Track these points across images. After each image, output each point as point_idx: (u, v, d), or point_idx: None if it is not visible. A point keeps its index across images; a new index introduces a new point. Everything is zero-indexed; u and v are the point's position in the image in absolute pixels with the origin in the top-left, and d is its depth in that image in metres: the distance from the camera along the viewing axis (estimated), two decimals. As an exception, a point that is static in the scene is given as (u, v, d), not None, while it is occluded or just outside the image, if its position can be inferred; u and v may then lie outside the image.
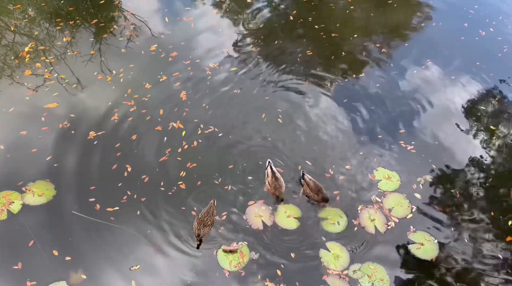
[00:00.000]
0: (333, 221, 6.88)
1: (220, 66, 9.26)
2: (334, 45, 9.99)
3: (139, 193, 7.00)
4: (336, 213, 6.99)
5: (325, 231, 6.80)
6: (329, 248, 6.59)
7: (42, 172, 7.14)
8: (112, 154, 7.47)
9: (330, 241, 6.67)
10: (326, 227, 6.84)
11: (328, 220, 6.89)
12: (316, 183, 7.08)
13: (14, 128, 7.74)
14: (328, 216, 6.94)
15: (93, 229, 6.58)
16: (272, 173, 7.11)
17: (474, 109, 8.76)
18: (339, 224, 6.86)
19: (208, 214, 6.60)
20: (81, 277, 6.08)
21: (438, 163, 7.71)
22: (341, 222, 6.87)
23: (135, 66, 9.05)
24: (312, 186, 7.04)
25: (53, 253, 6.26)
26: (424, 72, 9.47)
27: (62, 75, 8.78)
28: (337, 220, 6.89)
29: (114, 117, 8.03)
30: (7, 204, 6.71)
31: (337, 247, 6.61)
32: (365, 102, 8.72)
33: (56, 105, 8.17)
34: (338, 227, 6.84)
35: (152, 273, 6.23)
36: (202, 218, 6.54)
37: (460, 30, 10.54)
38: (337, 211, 7.02)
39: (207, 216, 6.56)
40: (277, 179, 7.08)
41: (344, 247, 6.60)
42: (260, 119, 8.24)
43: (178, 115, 8.17)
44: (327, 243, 6.65)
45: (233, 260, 6.33)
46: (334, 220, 6.89)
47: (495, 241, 6.79)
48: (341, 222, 6.87)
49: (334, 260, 6.46)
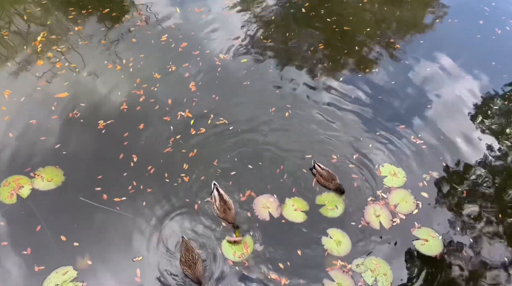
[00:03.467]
0: (331, 206, 7.06)
1: (230, 57, 9.44)
2: (347, 39, 10.09)
3: (145, 184, 7.20)
4: (333, 197, 7.17)
5: (325, 217, 6.97)
6: (330, 235, 6.78)
7: (50, 159, 7.42)
8: (119, 143, 7.71)
9: (331, 227, 6.86)
10: (325, 212, 7.02)
11: (326, 206, 7.07)
12: (330, 172, 7.24)
13: (24, 117, 8.04)
14: (325, 201, 7.12)
15: (100, 216, 6.83)
16: (219, 196, 6.87)
17: (487, 107, 8.81)
18: (337, 208, 7.03)
19: (188, 252, 6.24)
20: (87, 263, 6.33)
21: (447, 160, 7.80)
22: (339, 206, 7.05)
23: (145, 56, 9.29)
24: (325, 175, 7.20)
25: (61, 238, 6.53)
26: (436, 69, 9.51)
27: (73, 64, 9.07)
28: (335, 204, 7.08)
29: (123, 106, 8.28)
30: (17, 188, 6.99)
31: (338, 233, 6.80)
32: (376, 97, 8.83)
33: (67, 94, 8.45)
34: (337, 211, 7.01)
35: (156, 263, 6.44)
36: (186, 259, 6.19)
37: (476, 27, 10.52)
38: (333, 195, 7.20)
39: (188, 254, 6.22)
40: (226, 202, 6.81)
41: (345, 232, 6.79)
42: (269, 113, 8.40)
43: (187, 105, 8.38)
44: (328, 230, 6.83)
45: (237, 250, 6.53)
46: (332, 204, 7.07)
47: (500, 241, 6.87)
48: (339, 206, 7.05)
49: (337, 246, 6.66)
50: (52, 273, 6.15)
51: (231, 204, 6.84)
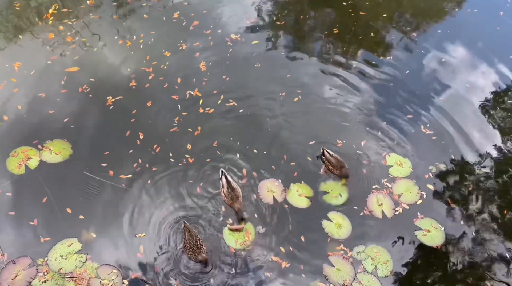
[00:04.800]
0: (335, 194, 7.17)
1: (242, 38, 9.44)
2: (362, 24, 10.02)
3: (151, 162, 7.33)
4: (337, 185, 7.26)
5: (328, 204, 7.09)
6: (331, 218, 6.91)
7: (58, 132, 7.57)
8: (127, 120, 7.83)
9: (332, 211, 6.99)
10: (329, 200, 7.13)
11: (329, 193, 7.18)
12: (339, 159, 7.33)
13: (33, 91, 8.17)
14: (329, 189, 7.23)
15: (106, 191, 6.99)
16: (227, 183, 6.97)
17: (501, 101, 8.76)
18: (341, 196, 7.14)
19: (191, 237, 6.36)
20: (92, 236, 6.53)
21: (456, 152, 7.81)
22: (343, 194, 7.16)
23: (156, 33, 9.34)
24: (334, 162, 7.29)
25: (67, 211, 6.72)
26: (452, 59, 9.46)
27: (83, 38, 9.15)
28: (338, 192, 7.18)
29: (132, 83, 8.38)
30: (25, 159, 7.18)
31: (339, 217, 6.93)
32: (388, 85, 8.84)
33: (77, 69, 8.56)
34: (341, 199, 7.12)
35: (158, 241, 6.60)
36: (190, 244, 6.31)
37: (495, 18, 10.37)
38: (337, 183, 7.29)
39: (192, 240, 6.34)
40: (234, 189, 6.90)
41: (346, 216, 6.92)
42: (279, 97, 8.43)
43: (196, 85, 8.44)
44: (329, 213, 6.96)
45: (239, 238, 6.66)
46: (336, 192, 7.18)
47: (504, 236, 6.92)
48: (343, 194, 7.16)
49: (337, 229, 6.79)
50: (58, 244, 6.37)
51: (239, 191, 6.93)
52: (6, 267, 6.11)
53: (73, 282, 6.06)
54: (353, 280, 6.34)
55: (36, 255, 6.26)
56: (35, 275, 6.08)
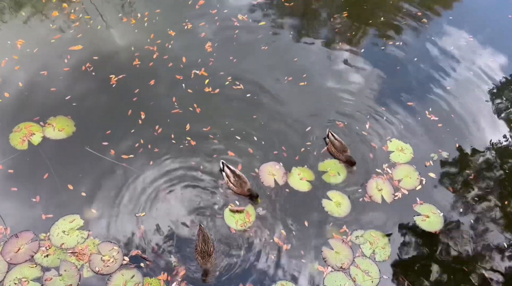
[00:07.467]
0: (333, 172, 7.39)
1: (249, 19, 9.54)
2: (372, 7, 10.08)
3: (153, 143, 7.50)
4: (335, 164, 7.48)
5: (327, 183, 7.30)
6: (330, 197, 7.13)
7: (60, 109, 7.74)
8: (129, 99, 8.00)
9: (331, 190, 7.20)
10: (328, 179, 7.34)
11: (328, 172, 7.39)
12: (343, 143, 7.51)
13: (35, 68, 8.34)
14: (328, 168, 7.44)
15: (107, 169, 7.20)
16: (232, 172, 7.10)
17: (510, 90, 8.86)
18: (339, 175, 7.35)
19: (204, 242, 6.36)
20: (93, 213, 6.76)
21: (458, 139, 7.95)
22: (341, 173, 7.37)
23: (161, 11, 9.44)
24: (338, 145, 7.48)
25: (69, 187, 6.94)
26: (461, 46, 9.53)
27: (87, 16, 9.29)
28: (337, 171, 7.39)
29: (136, 62, 8.54)
30: (29, 135, 7.40)
31: (338, 195, 7.17)
32: (395, 70, 8.95)
33: (80, 47, 8.72)
34: (339, 177, 7.34)
35: (157, 220, 6.80)
36: (201, 250, 6.32)
37: (509, 5, 10.38)
38: (335, 162, 7.50)
39: (204, 245, 6.34)
40: (239, 176, 7.04)
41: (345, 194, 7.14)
42: (284, 81, 8.56)
43: (201, 65, 8.57)
44: (328, 192, 7.18)
45: (239, 219, 6.88)
46: (334, 171, 7.39)
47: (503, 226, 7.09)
48: (341, 173, 7.37)
49: (337, 208, 7.03)
50: (60, 219, 6.61)
51: (244, 177, 7.09)
52: (9, 241, 6.36)
53: (75, 257, 6.30)
54: (351, 264, 6.52)
55: (38, 230, 6.48)
56: (37, 249, 6.33)
